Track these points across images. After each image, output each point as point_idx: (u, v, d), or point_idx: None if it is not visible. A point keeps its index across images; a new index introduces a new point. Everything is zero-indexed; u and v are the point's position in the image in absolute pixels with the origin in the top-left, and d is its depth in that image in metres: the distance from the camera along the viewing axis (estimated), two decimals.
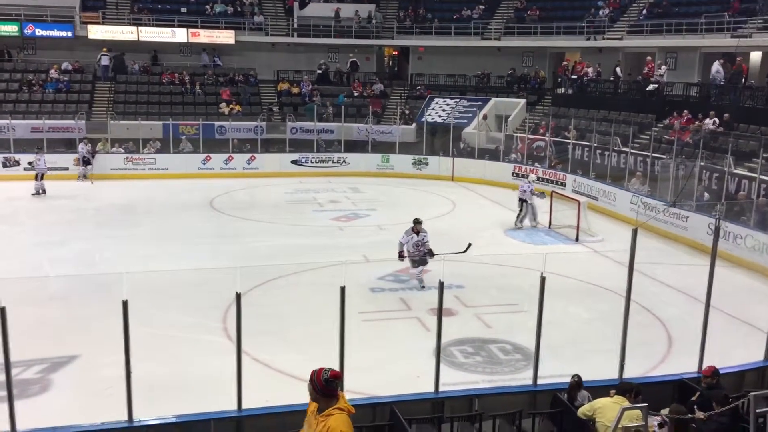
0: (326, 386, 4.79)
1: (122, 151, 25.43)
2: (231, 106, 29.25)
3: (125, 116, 27.57)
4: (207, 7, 32.36)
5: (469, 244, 13.22)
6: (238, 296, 6.70)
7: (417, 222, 13.59)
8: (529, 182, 18.70)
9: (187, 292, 12.64)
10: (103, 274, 13.09)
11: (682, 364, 8.72)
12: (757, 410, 6.21)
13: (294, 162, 26.21)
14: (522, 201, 18.37)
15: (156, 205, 20.66)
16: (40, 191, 21.53)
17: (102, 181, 23.79)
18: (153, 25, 30.79)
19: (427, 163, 26.34)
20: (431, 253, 13.32)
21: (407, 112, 29.85)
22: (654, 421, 6.45)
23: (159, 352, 9.76)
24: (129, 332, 6.40)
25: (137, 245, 15.98)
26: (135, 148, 25.54)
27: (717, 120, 21.58)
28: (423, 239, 13.48)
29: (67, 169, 23.91)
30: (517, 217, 18.47)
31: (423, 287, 13.17)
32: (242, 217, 19.31)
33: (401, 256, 13.43)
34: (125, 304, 6.32)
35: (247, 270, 13.91)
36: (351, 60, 32.54)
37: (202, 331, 10.94)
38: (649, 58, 26.62)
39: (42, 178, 21.73)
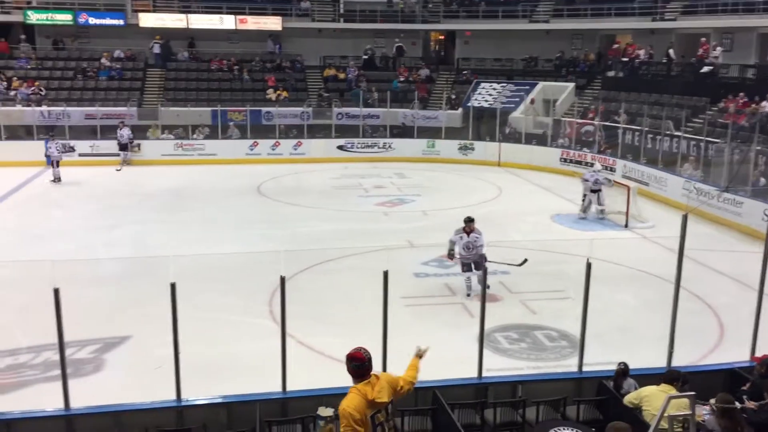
0: (349, 365, 4.89)
1: (172, 137, 25.90)
2: (278, 92, 29.48)
3: (175, 103, 28.04)
4: None
5: (525, 260, 12.60)
6: (283, 280, 6.77)
7: (469, 221, 12.14)
8: (595, 171, 18.08)
9: (234, 275, 12.87)
10: (153, 257, 13.39)
11: (734, 353, 8.55)
12: None
13: (340, 147, 26.35)
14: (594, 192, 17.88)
15: (204, 190, 21.02)
16: (56, 179, 21.37)
17: (153, 166, 24.30)
18: (201, 12, 31.19)
19: (473, 149, 26.19)
20: (484, 259, 11.91)
21: (453, 97, 29.67)
22: (703, 410, 6.32)
23: (206, 333, 9.96)
24: (177, 314, 6.55)
25: (186, 229, 16.32)
26: (185, 134, 25.98)
27: None
28: (476, 241, 11.98)
29: (118, 155, 24.49)
30: (582, 205, 18.00)
31: (468, 295, 12.00)
32: (288, 203, 19.52)
33: (450, 256, 12.24)
34: (173, 286, 6.46)
35: (292, 254, 14.15)
36: (397, 45, 32.41)
37: (247, 314, 11.13)
38: (703, 39, 25.86)
39: (58, 165, 21.52)
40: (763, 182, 17.20)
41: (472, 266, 11.95)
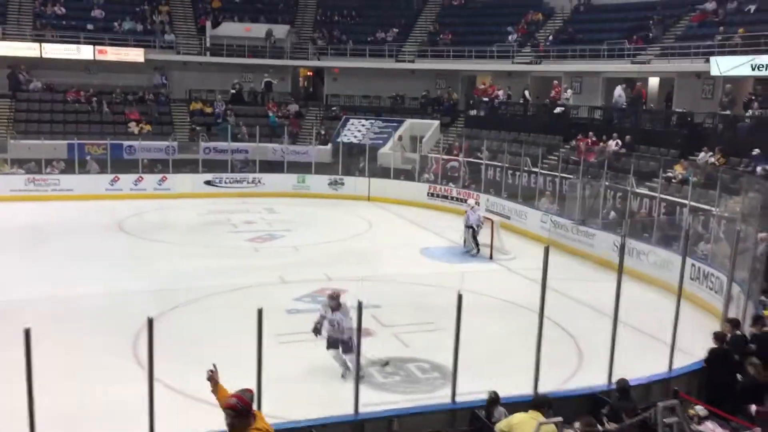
0: (240, 411, 4.73)
1: (23, 171, 24.32)
2: (140, 125, 28.54)
3: (27, 135, 26.44)
4: (115, 24, 31.58)
5: (387, 362, 10.88)
6: (150, 321, 6.47)
7: (332, 297, 10.38)
8: (473, 209, 18.51)
9: (95, 317, 12.17)
10: (6, 301, 12.43)
11: (593, 377, 8.98)
12: (665, 420, 6.48)
13: (208, 182, 25.78)
14: (469, 228, 18.30)
15: (62, 227, 19.86)
16: None
17: (1, 203, 22.67)
18: (57, 42, 29.75)
19: (343, 183, 26.41)
20: (349, 345, 10.10)
21: (323, 132, 29.90)
22: None
23: (66, 381, 9.31)
24: (31, 362, 6.07)
25: (43, 270, 15.29)
26: (37, 169, 24.49)
27: (620, 141, 22.64)
28: (341, 322, 10.21)
29: None
30: (471, 243, 18.27)
31: (343, 376, 10.27)
32: (154, 239, 18.85)
33: (316, 331, 10.39)
34: (27, 333, 6.00)
35: (159, 293, 13.57)
36: (265, 80, 32.36)
37: (111, 359, 10.52)
38: (555, 81, 27.70)
39: None
40: (612, 215, 18.44)
41: (340, 346, 10.30)
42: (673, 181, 18.99)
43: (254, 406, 5.01)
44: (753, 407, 7.60)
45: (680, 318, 9.08)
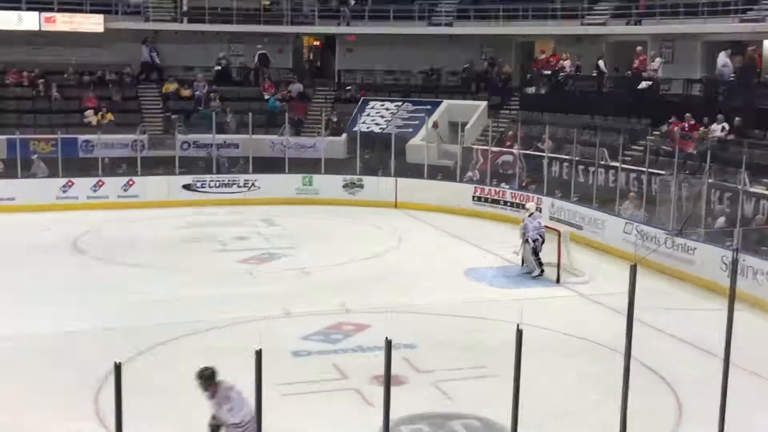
0: None
1: None
2: (100, 114, 28.85)
3: None
4: None
5: None
6: (118, 367, 6.52)
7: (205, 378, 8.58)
8: (533, 217, 18.50)
9: (45, 364, 12.26)
10: None
11: None
12: None
13: (187, 187, 26.04)
14: (528, 242, 18.28)
15: None
16: None
17: None
18: None
19: (362, 186, 26.50)
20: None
21: (335, 119, 30.03)
22: None
23: None
24: None
25: None
26: None
27: (726, 125, 22.44)
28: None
29: None
30: (532, 261, 18.27)
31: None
32: (119, 262, 18.97)
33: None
34: None
35: (128, 331, 13.67)
36: (260, 52, 32.54)
37: (67, 416, 10.61)
38: (639, 48, 27.52)
39: None
40: (719, 223, 18.25)
41: None
42: None
43: None
44: None
45: None
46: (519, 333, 7.37)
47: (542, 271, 17.99)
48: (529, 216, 18.36)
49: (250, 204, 25.77)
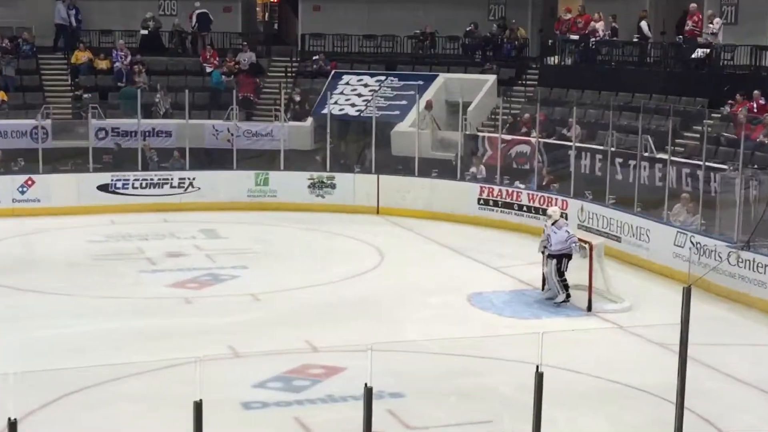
0: None
1: None
2: None
3: None
4: None
5: None
6: (13, 425, 6.40)
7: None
8: (558, 226, 18.17)
9: None
10: None
11: None
12: None
13: (103, 188, 25.89)
14: (551, 258, 18.07)
15: None
16: None
17: None
18: None
19: (333, 186, 26.39)
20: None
21: (297, 99, 29.88)
22: None
23: None
24: None
25: None
26: None
27: None
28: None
29: None
30: (555, 283, 18.15)
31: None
32: (13, 286, 18.78)
33: None
34: None
35: (26, 377, 13.40)
36: (198, 11, 32.39)
37: None
38: (693, 5, 27.46)
39: None
40: None
41: None
42: None
43: None
44: None
45: None
46: (539, 377, 7.32)
47: (568, 296, 17.78)
48: (553, 224, 18.22)
49: (187, 210, 25.66)
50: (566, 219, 20.43)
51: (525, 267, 19.48)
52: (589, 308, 17.50)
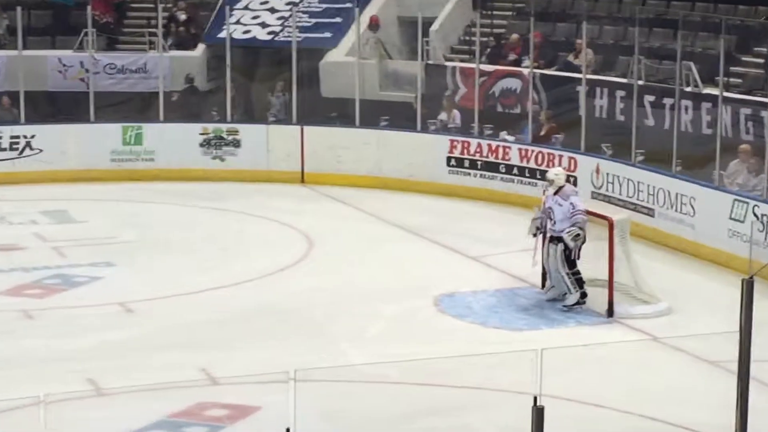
0: None
1: None
2: None
3: None
4: None
5: None
6: None
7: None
8: (563, 195, 18.32)
9: None
10: None
11: None
12: None
13: None
14: (552, 239, 18.21)
15: None
16: None
17: None
18: None
19: (237, 144, 26.59)
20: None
21: (182, 18, 29.77)
22: None
23: None
24: None
25: None
26: None
27: None
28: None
29: None
30: (562, 277, 18.28)
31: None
32: None
33: None
34: None
35: None
36: None
37: None
38: None
39: None
40: None
41: None
42: None
43: None
44: None
45: None
46: (537, 413, 7.30)
47: (583, 295, 17.96)
48: (555, 193, 18.23)
49: (24, 182, 25.68)
50: (575, 186, 20.44)
51: (517, 255, 19.60)
52: (611, 312, 17.62)
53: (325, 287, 19.29)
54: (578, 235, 17.71)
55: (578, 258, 17.87)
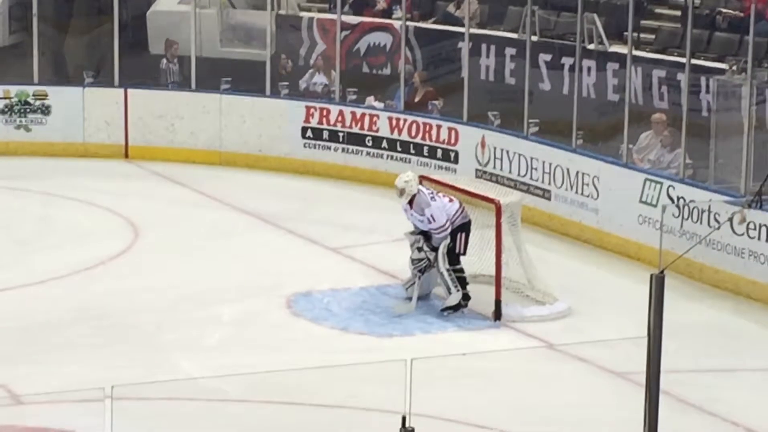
0: None
1: None
2: None
3: None
4: None
5: None
6: None
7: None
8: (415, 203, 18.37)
9: None
10: None
11: None
12: None
13: None
14: (420, 235, 18.29)
15: None
16: None
17: None
18: None
19: (45, 110, 26.43)
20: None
21: None
22: None
23: None
24: None
25: None
26: None
27: None
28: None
29: None
30: (443, 274, 18.30)
31: None
32: None
33: None
34: None
35: None
36: None
37: None
38: None
39: None
40: None
41: None
42: None
43: None
44: None
45: None
46: None
47: (466, 297, 18.08)
48: (409, 203, 18.17)
49: None
50: (432, 192, 19.83)
51: (386, 246, 19.85)
52: (498, 315, 17.76)
53: (152, 286, 19.23)
54: (412, 233, 18.08)
55: (464, 253, 18.01)
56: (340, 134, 24.80)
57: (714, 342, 16.30)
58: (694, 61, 20.61)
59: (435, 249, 17.82)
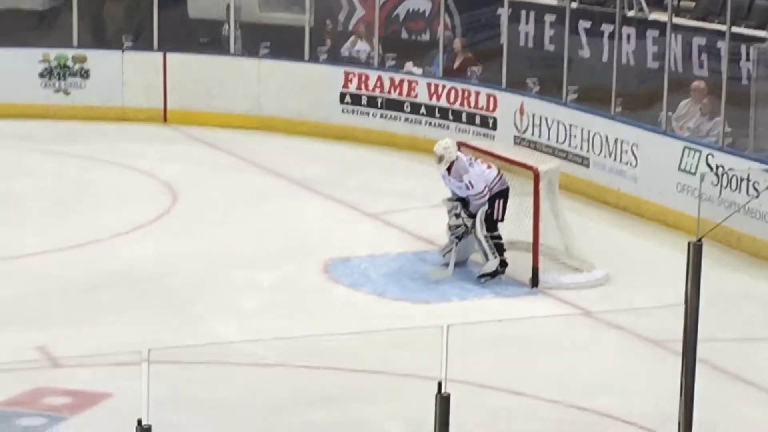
0: None
1: None
2: None
3: None
4: None
5: None
6: None
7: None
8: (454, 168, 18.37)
9: None
10: None
11: None
12: None
13: None
14: (458, 202, 18.29)
15: None
16: None
17: None
18: None
19: (85, 73, 26.47)
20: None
21: None
22: None
23: None
24: None
25: None
26: None
27: None
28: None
29: None
30: (480, 240, 18.29)
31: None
32: None
33: None
34: None
35: None
36: None
37: None
38: None
39: None
40: None
41: None
42: None
43: None
44: None
45: None
46: (442, 401, 7.31)
47: (503, 263, 18.10)
48: (448, 170, 18.16)
49: None
50: (471, 159, 19.86)
51: (424, 212, 19.79)
52: (535, 282, 17.74)
53: (189, 250, 19.28)
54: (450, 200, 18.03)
55: (502, 220, 17.98)
56: (379, 100, 24.76)
57: (751, 311, 16.21)
58: (734, 29, 20.49)
59: (473, 215, 17.78)
